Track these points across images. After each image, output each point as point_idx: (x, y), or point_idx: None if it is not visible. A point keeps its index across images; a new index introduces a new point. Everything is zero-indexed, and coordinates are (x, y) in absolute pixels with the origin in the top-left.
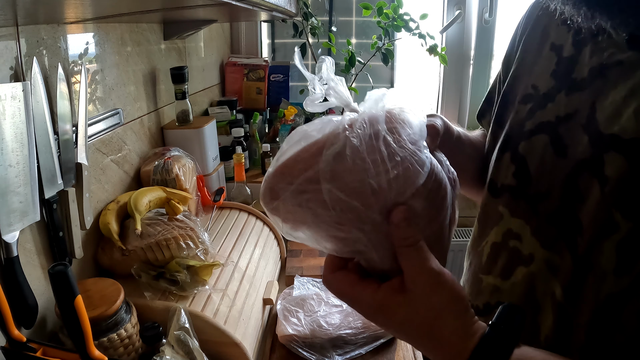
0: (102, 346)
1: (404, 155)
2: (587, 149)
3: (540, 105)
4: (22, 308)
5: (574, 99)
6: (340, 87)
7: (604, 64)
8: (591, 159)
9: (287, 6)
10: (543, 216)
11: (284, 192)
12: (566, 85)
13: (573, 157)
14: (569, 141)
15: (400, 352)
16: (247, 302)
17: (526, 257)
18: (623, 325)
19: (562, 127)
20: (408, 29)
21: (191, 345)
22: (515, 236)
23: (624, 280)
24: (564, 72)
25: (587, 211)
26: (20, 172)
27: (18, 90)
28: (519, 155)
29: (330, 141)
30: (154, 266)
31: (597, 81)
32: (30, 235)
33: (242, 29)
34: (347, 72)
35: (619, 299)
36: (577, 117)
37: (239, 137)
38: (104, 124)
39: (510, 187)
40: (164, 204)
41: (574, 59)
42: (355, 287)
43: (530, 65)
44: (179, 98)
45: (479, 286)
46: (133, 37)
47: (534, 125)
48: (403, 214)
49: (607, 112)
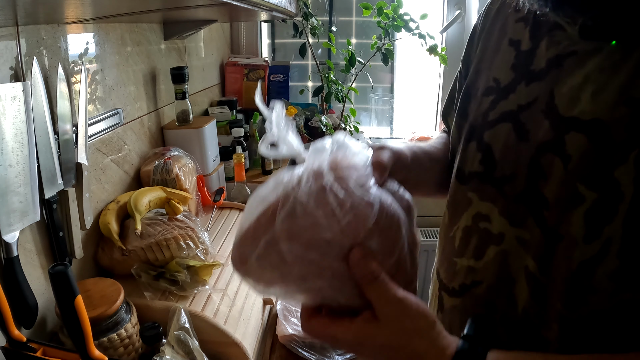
0: (102, 346)
1: (352, 201)
2: (549, 132)
3: (502, 96)
4: (22, 308)
5: (534, 88)
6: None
7: (560, 55)
8: (553, 140)
9: (287, 6)
10: (510, 197)
11: (250, 256)
12: (525, 76)
13: (535, 140)
14: (531, 126)
15: None
16: (247, 302)
17: (496, 236)
18: (595, 288)
19: (524, 115)
20: (408, 29)
21: (191, 345)
22: (485, 218)
23: (594, 245)
24: (523, 65)
25: (552, 187)
26: (20, 172)
27: (18, 90)
28: (484, 143)
29: (282, 202)
30: (154, 266)
31: (554, 71)
32: (30, 235)
33: (242, 29)
34: (347, 72)
35: (590, 264)
36: (537, 104)
37: (239, 137)
38: (104, 124)
39: (478, 173)
40: (164, 204)
41: (531, 52)
42: (330, 328)
43: (490, 60)
44: (179, 98)
45: (454, 269)
46: (133, 37)
47: (497, 115)
48: (359, 255)
49: (565, 98)
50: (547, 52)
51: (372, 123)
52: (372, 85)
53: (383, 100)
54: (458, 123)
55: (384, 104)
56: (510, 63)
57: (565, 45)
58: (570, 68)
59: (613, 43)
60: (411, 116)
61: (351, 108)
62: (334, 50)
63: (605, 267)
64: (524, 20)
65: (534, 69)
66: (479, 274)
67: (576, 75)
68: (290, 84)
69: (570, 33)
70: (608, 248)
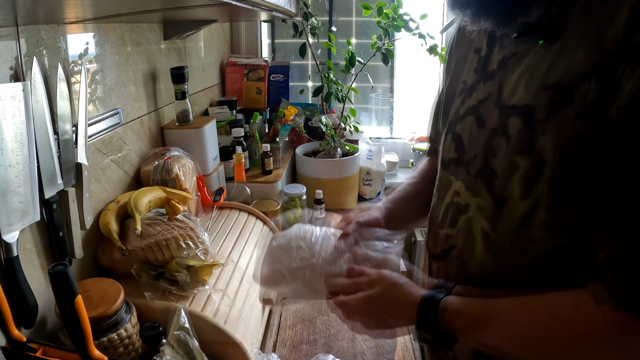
0: (102, 346)
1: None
2: (497, 119)
3: (468, 94)
4: (22, 308)
5: (488, 85)
6: None
7: (506, 57)
8: (499, 125)
9: (287, 6)
10: (472, 174)
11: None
12: (483, 76)
13: (489, 127)
14: (486, 117)
15: (400, 352)
16: (247, 302)
17: (464, 207)
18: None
19: (482, 108)
20: (408, 29)
21: (191, 345)
22: (457, 194)
23: (528, 201)
24: (482, 67)
25: (499, 161)
26: (20, 172)
27: (18, 90)
28: (456, 134)
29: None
30: (154, 266)
31: (501, 70)
32: (30, 235)
33: (242, 29)
34: (347, 72)
35: (527, 217)
36: (490, 98)
37: (239, 137)
38: (104, 124)
39: (454, 159)
40: (164, 204)
41: (488, 57)
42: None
43: (462, 66)
44: (179, 98)
45: (437, 238)
46: (133, 37)
47: (465, 110)
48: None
49: (508, 91)
50: (497, 55)
51: (372, 123)
52: (372, 85)
53: (383, 100)
54: (443, 121)
55: (384, 104)
56: (474, 67)
57: (509, 49)
58: (512, 66)
59: (540, 42)
60: (411, 116)
61: (351, 108)
62: (334, 50)
63: (538, 219)
64: (485, 30)
65: (489, 70)
66: (454, 239)
67: (516, 71)
68: (290, 84)
69: (512, 39)
70: (537, 203)
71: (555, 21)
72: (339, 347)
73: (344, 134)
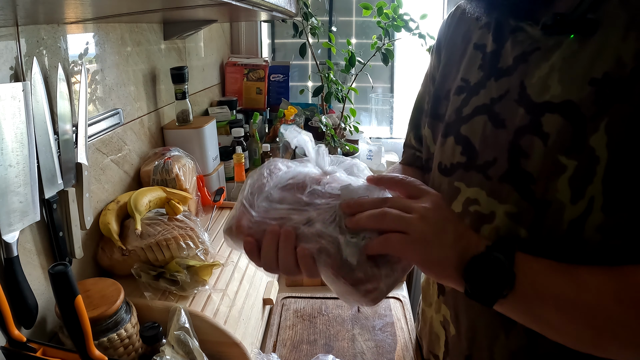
0: (102, 346)
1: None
2: (525, 117)
3: (474, 93)
4: (22, 308)
5: (504, 82)
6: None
7: (525, 52)
8: (530, 124)
9: (287, 6)
10: (495, 178)
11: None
12: (494, 73)
13: (512, 126)
14: (506, 115)
15: (400, 352)
16: (247, 302)
17: (488, 216)
18: (586, 241)
19: (497, 106)
20: (408, 29)
21: (191, 345)
22: (474, 202)
23: (580, 204)
24: (490, 64)
25: (534, 163)
26: (20, 172)
27: (18, 90)
28: (462, 136)
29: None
30: (154, 266)
31: (521, 65)
32: (30, 235)
33: (242, 29)
34: (347, 72)
35: (579, 221)
36: (509, 95)
37: (239, 137)
38: (104, 124)
39: (461, 163)
40: (164, 204)
41: (497, 53)
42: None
43: (456, 64)
44: (179, 98)
45: None
46: (133, 37)
47: (471, 110)
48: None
49: (536, 87)
50: (512, 51)
51: (372, 123)
52: (372, 85)
53: (383, 100)
54: (430, 124)
55: (384, 104)
56: (477, 64)
57: (528, 44)
58: (536, 62)
59: (571, 37)
60: None
61: (351, 108)
62: (334, 50)
63: (592, 222)
64: (487, 26)
65: (502, 66)
66: None
67: (542, 67)
68: (290, 84)
69: (532, 33)
70: (592, 205)
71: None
72: (339, 347)
73: (344, 134)
